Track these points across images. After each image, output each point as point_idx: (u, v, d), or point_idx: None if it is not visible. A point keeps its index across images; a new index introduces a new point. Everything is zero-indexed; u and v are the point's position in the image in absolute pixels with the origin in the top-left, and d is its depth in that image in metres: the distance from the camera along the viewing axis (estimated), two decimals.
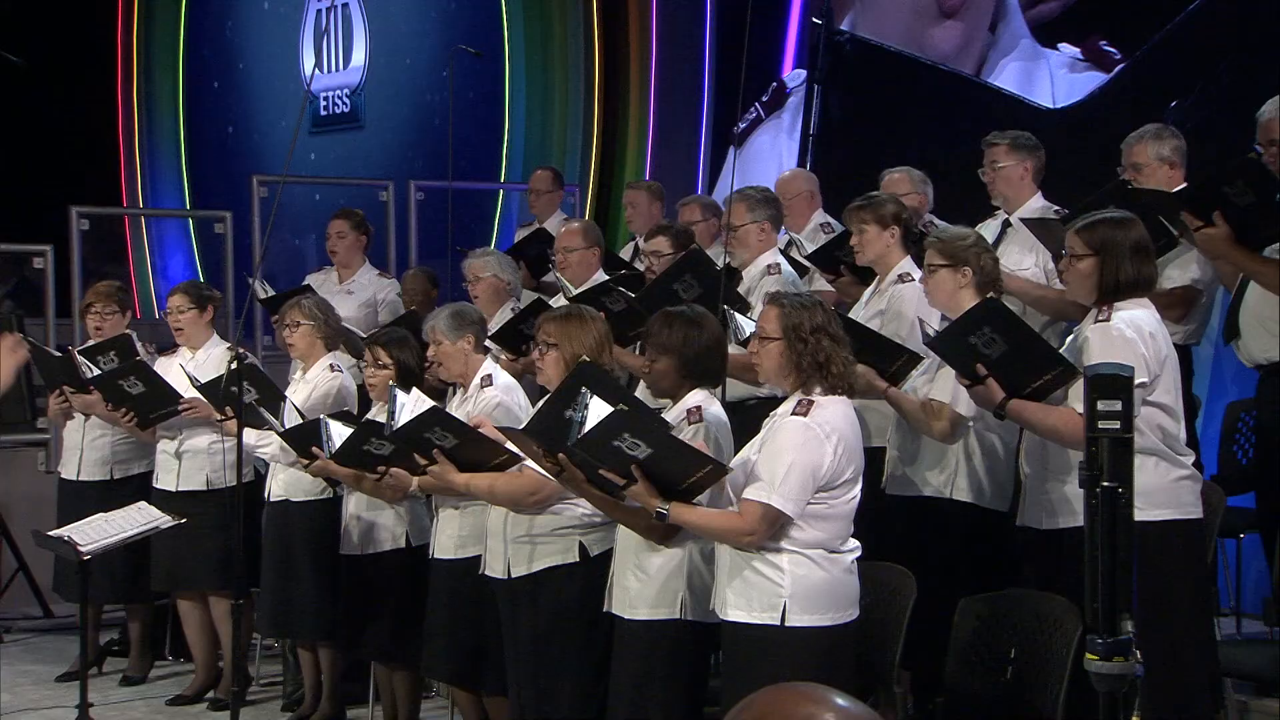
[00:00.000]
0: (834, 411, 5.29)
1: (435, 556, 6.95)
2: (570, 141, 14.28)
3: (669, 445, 5.32)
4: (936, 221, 7.86)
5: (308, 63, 17.83)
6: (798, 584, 5.23)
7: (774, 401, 7.15)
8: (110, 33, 20.17)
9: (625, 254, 9.80)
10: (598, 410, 5.46)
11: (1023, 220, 7.13)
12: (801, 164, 11.09)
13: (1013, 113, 9.33)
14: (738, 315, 6.99)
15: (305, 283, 9.52)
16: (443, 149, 15.73)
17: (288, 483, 7.79)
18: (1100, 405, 4.74)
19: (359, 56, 17.26)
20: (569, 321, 6.26)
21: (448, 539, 6.85)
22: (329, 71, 17.67)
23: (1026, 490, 6.04)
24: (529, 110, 14.77)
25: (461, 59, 14.90)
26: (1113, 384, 4.79)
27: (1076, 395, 5.60)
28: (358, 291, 9.59)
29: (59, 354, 8.63)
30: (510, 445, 6.16)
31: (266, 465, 8.16)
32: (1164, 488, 5.66)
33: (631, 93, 13.52)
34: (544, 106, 14.61)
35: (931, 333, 6.00)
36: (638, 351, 7.03)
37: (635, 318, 7.22)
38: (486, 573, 6.48)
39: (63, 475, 8.90)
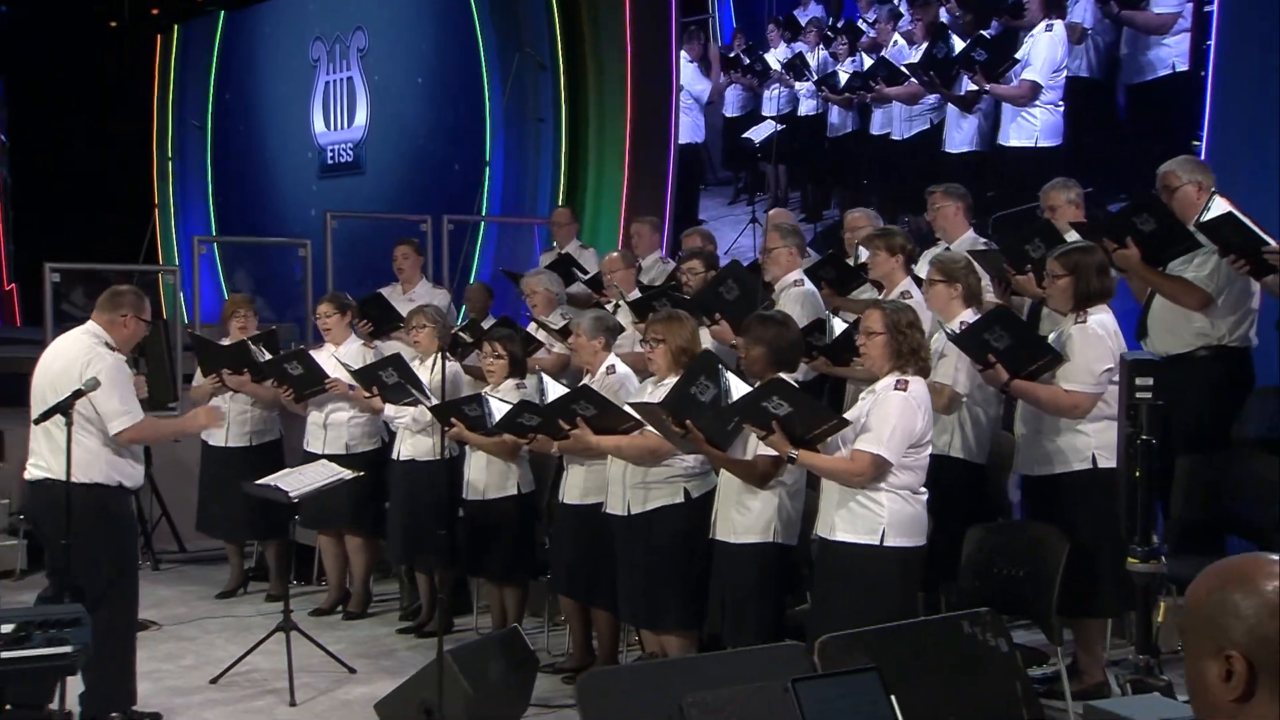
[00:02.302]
0: (921, 389, 5.44)
1: (564, 501, 6.90)
2: (540, 181, 14.04)
3: (807, 405, 5.45)
4: None
5: (318, 123, 17.79)
6: (893, 514, 5.34)
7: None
8: (148, 94, 20.00)
9: None
10: (737, 385, 5.63)
11: (968, 252, 6.98)
12: None
13: None
14: None
15: (377, 293, 9.43)
16: (429, 189, 15.82)
17: (414, 446, 7.76)
18: (1138, 380, 5.00)
19: (361, 117, 17.18)
20: (670, 322, 6.36)
21: (574, 488, 6.82)
22: (335, 129, 17.62)
23: (1020, 446, 6.15)
24: (506, 154, 14.59)
25: (460, 115, 14.97)
26: (1148, 366, 5.06)
27: (1063, 376, 5.81)
28: (417, 299, 9.35)
29: (229, 345, 8.54)
30: (634, 414, 6.20)
31: (391, 433, 8.17)
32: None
33: (590, 137, 13.34)
34: (520, 152, 14.43)
35: (951, 331, 6.04)
36: None
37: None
38: (607, 511, 6.48)
39: (211, 442, 8.74)
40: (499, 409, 6.86)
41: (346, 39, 17.25)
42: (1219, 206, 6.34)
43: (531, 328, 8.57)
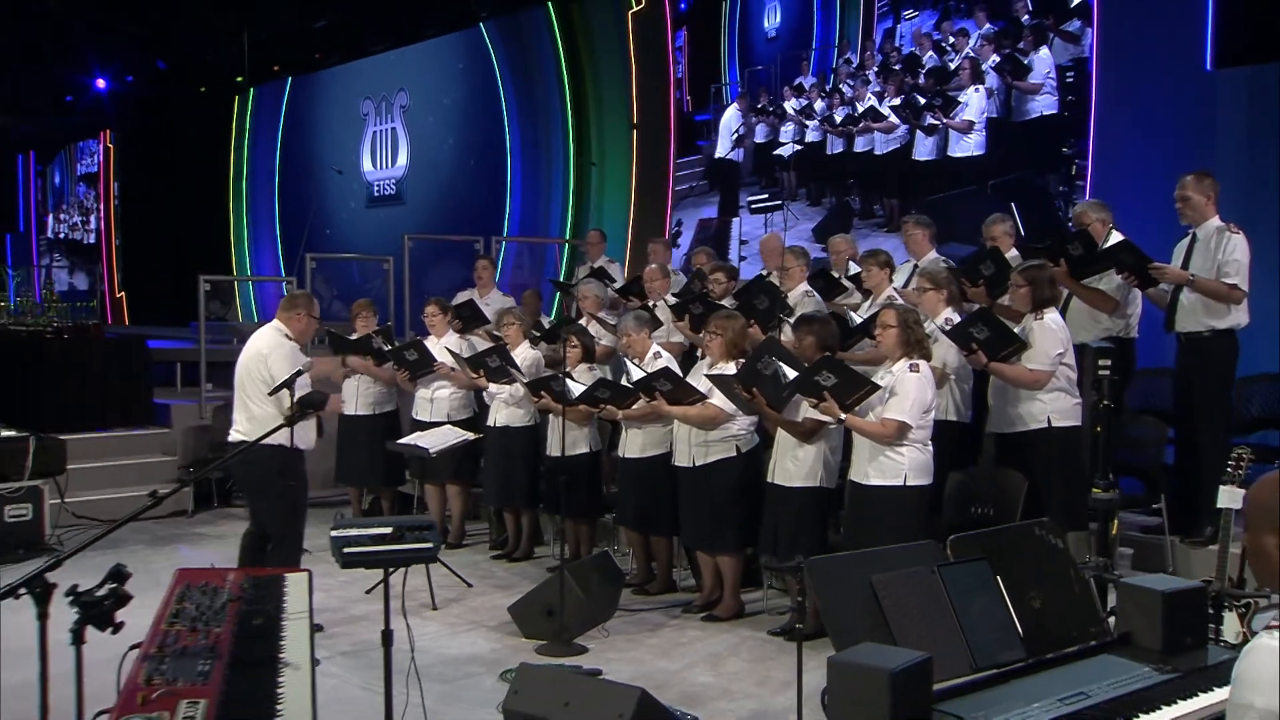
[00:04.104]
0: (928, 369, 5.77)
1: (625, 456, 7.10)
2: (553, 206, 14.15)
3: (850, 377, 5.73)
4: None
5: (366, 164, 17.93)
6: (912, 462, 5.67)
7: None
8: (227, 142, 20.09)
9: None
10: (786, 369, 5.98)
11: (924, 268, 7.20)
12: None
13: None
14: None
15: (466, 299, 9.55)
16: (458, 215, 16.01)
17: (507, 415, 7.93)
18: (1100, 362, 5.40)
19: (402, 158, 17.34)
20: (728, 320, 6.62)
21: (632, 445, 7.05)
22: (381, 169, 17.76)
23: (993, 411, 6.38)
24: (525, 183, 14.68)
25: (484, 155, 15.15)
26: (1107, 351, 5.46)
27: (1027, 358, 6.07)
28: (491, 304, 9.58)
29: (357, 338, 8.69)
30: (699, 388, 6.48)
31: (479, 406, 8.37)
32: (1069, 409, 6.08)
33: (593, 172, 13.48)
34: (535, 180, 14.53)
35: (942, 326, 6.33)
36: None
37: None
38: (675, 463, 6.68)
39: (344, 412, 8.70)
40: (575, 387, 7.10)
41: (391, 97, 17.38)
42: (1115, 237, 6.77)
43: (583, 320, 8.80)
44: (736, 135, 11.66)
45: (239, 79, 18.26)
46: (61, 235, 24.26)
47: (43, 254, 24.42)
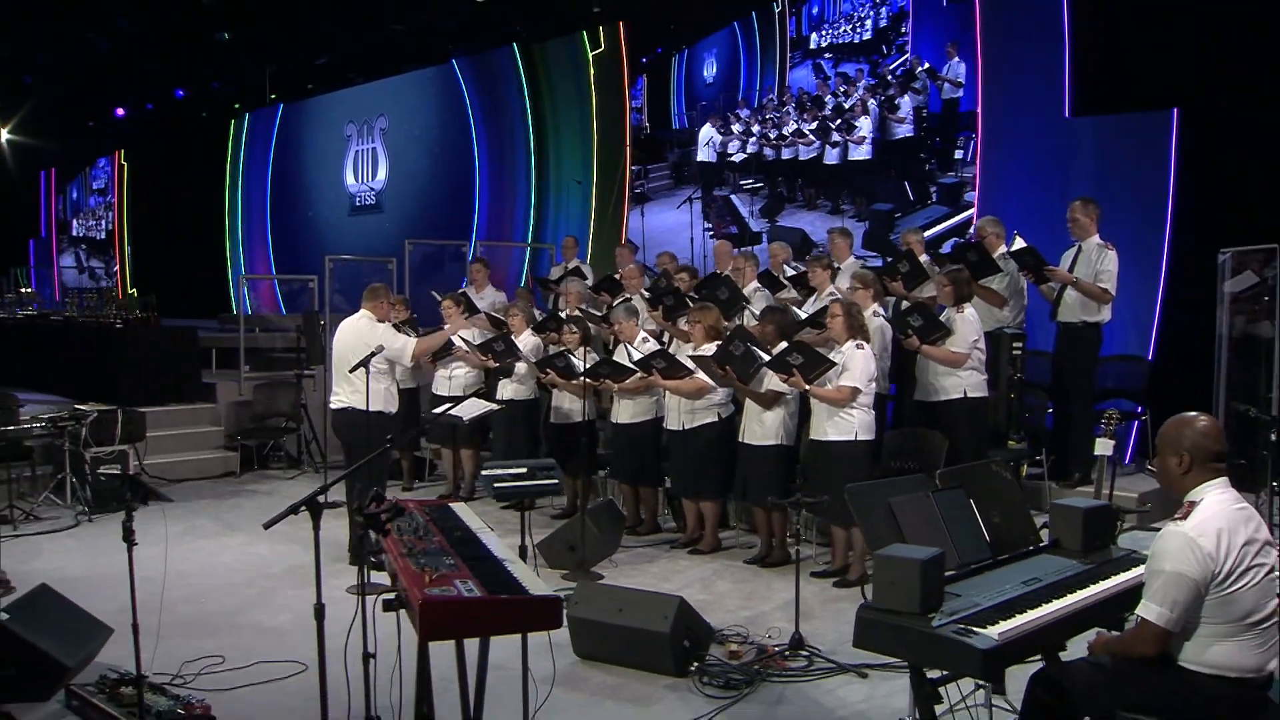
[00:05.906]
0: (869, 348, 6.23)
1: (617, 421, 7.43)
2: (518, 215, 14.37)
3: (814, 357, 6.19)
4: (800, 266, 8.63)
5: (349, 177, 18.03)
6: (860, 421, 6.14)
7: None
8: (224, 161, 19.99)
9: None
10: (758, 350, 6.43)
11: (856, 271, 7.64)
12: None
13: None
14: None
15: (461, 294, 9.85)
16: (432, 223, 16.19)
17: (514, 390, 8.19)
18: (1014, 344, 5.97)
19: (382, 173, 17.47)
20: (704, 309, 7.03)
21: (624, 412, 7.39)
22: (362, 182, 17.87)
23: (918, 384, 6.84)
24: (491, 195, 14.85)
25: (454, 170, 15.37)
26: (1019, 336, 6.02)
27: (950, 343, 6.56)
28: (485, 298, 9.75)
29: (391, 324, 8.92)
30: (688, 365, 6.89)
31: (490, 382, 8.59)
32: (979, 383, 6.60)
33: (551, 184, 13.76)
34: (499, 192, 14.68)
35: (876, 317, 6.74)
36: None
37: (684, 306, 7.84)
38: (666, 427, 7.06)
39: None
40: (577, 365, 7.45)
41: (372, 121, 17.48)
42: (1019, 243, 7.27)
43: (565, 312, 9.07)
44: (710, 143, 12.38)
45: (236, 105, 18.21)
46: (80, 234, 24.29)
47: (64, 251, 24.26)
